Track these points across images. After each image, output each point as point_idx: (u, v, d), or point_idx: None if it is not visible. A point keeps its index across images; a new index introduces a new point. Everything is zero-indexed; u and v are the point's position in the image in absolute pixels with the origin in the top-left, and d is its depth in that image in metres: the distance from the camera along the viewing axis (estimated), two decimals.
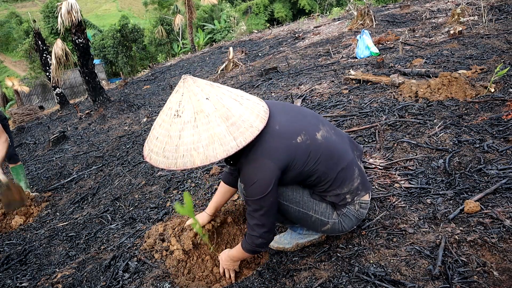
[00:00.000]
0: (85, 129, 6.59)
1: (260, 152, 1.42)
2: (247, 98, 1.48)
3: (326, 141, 1.55)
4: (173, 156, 1.36)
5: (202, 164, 1.33)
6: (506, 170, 2.01)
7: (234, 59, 7.75)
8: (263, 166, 1.42)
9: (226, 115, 1.37)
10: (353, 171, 1.61)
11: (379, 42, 6.16)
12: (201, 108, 1.36)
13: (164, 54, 24.05)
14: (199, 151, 1.34)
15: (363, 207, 1.67)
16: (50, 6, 27.67)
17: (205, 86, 1.41)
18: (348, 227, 1.69)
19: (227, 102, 1.40)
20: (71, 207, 3.37)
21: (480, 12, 6.37)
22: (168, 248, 2.05)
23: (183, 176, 3.14)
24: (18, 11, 40.80)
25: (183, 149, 1.35)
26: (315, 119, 1.61)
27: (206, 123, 1.35)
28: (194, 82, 1.41)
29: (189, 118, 1.36)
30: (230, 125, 1.36)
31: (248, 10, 34.48)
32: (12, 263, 2.56)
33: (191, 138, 1.35)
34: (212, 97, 1.39)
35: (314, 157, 1.50)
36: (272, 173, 1.43)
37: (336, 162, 1.56)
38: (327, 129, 1.61)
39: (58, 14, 7.19)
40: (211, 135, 1.34)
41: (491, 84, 3.12)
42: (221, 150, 1.33)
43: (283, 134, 1.46)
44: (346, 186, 1.60)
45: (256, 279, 1.71)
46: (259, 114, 1.43)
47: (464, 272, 1.43)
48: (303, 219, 1.67)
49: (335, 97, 3.96)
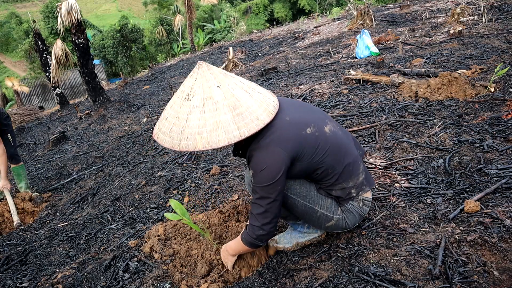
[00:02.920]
0: (85, 129, 6.59)
1: (271, 140, 1.45)
2: (258, 91, 1.51)
3: (334, 135, 1.60)
4: (178, 138, 1.41)
5: (203, 148, 1.37)
6: (506, 170, 2.01)
7: (234, 59, 7.74)
8: (274, 153, 1.44)
9: (234, 105, 1.40)
10: (358, 166, 1.65)
11: (379, 42, 6.16)
12: (211, 94, 1.40)
13: (164, 54, 24.04)
14: (202, 136, 1.37)
15: (366, 204, 1.70)
16: (50, 7, 27.68)
17: (219, 74, 1.45)
18: (351, 224, 1.71)
19: (238, 92, 1.43)
20: (71, 207, 3.37)
21: (480, 12, 6.37)
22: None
23: (183, 176, 3.14)
24: (18, 12, 40.81)
25: (188, 131, 1.39)
26: (323, 115, 1.67)
27: (213, 110, 1.38)
28: (209, 69, 1.45)
29: (198, 103, 1.40)
30: (237, 115, 1.39)
31: (248, 10, 34.48)
32: (12, 264, 2.56)
33: (197, 122, 1.38)
34: (224, 85, 1.42)
35: (323, 149, 1.54)
36: (282, 161, 1.45)
37: (343, 156, 1.59)
38: (333, 124, 1.66)
39: (58, 14, 7.19)
40: (217, 122, 1.37)
41: (491, 84, 3.12)
42: (224, 138, 1.36)
43: (294, 125, 1.50)
44: (352, 180, 1.63)
45: (256, 279, 1.71)
46: (267, 108, 1.46)
47: (464, 272, 1.43)
48: (309, 213, 1.68)
49: (335, 97, 3.96)
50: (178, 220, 2.33)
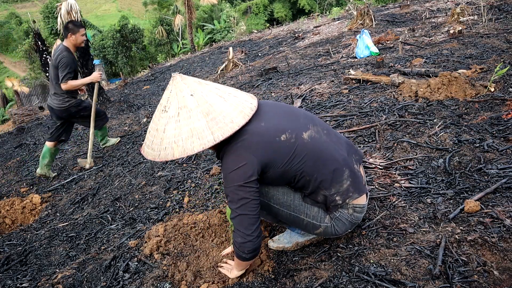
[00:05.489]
0: (85, 129, 6.58)
1: (241, 144, 1.46)
2: (234, 95, 1.53)
3: (314, 141, 1.55)
4: (158, 149, 1.45)
5: (180, 156, 1.41)
6: (506, 170, 2.01)
7: (234, 59, 7.74)
8: (244, 156, 1.45)
9: (207, 111, 1.43)
10: (342, 172, 1.58)
11: (378, 41, 6.16)
12: (185, 103, 1.44)
13: (164, 54, 24.04)
14: (178, 144, 1.41)
15: (357, 211, 1.65)
16: (49, 7, 27.67)
17: (192, 83, 1.49)
18: (342, 231, 1.68)
19: (211, 98, 1.46)
20: (71, 208, 3.37)
21: (480, 12, 6.37)
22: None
23: (183, 176, 3.14)
24: (18, 12, 40.83)
25: (166, 141, 1.44)
26: (306, 119, 1.62)
27: (187, 118, 1.43)
28: (182, 79, 1.49)
29: (174, 113, 1.44)
30: (210, 120, 1.42)
31: (247, 10, 34.48)
32: (13, 264, 2.56)
33: (173, 131, 1.43)
34: (197, 93, 1.45)
35: (299, 156, 1.51)
36: (252, 164, 1.45)
37: (323, 163, 1.55)
38: (317, 129, 1.61)
39: (58, 14, 7.18)
40: (191, 129, 1.41)
41: (491, 84, 3.12)
42: (198, 144, 1.40)
43: (267, 131, 1.49)
44: (334, 187, 1.58)
45: (256, 279, 1.71)
46: (243, 111, 1.47)
47: (464, 272, 1.43)
48: (296, 222, 1.67)
49: (335, 97, 3.96)
50: (178, 220, 2.34)
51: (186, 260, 1.95)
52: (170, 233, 2.21)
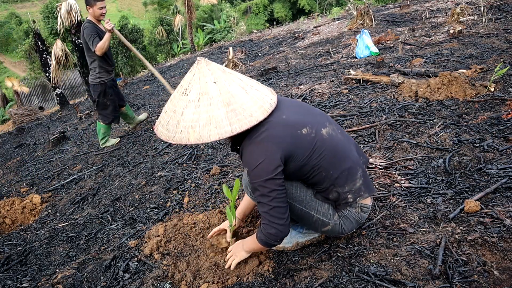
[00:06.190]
0: (85, 129, 6.58)
1: (265, 136, 1.45)
2: (256, 89, 1.51)
3: (331, 138, 1.57)
4: (173, 131, 1.44)
5: (195, 142, 1.40)
6: (506, 170, 2.01)
7: (234, 59, 7.73)
8: (268, 148, 1.44)
9: (228, 101, 1.41)
10: (356, 171, 1.62)
11: (378, 41, 6.16)
12: (207, 90, 1.42)
13: (164, 54, 24.05)
14: (195, 130, 1.40)
15: (364, 211, 1.69)
16: (49, 7, 27.71)
17: (216, 70, 1.47)
18: (348, 230, 1.70)
19: (233, 89, 1.44)
20: (71, 208, 3.37)
21: (480, 12, 6.37)
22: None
23: (183, 176, 3.14)
24: (18, 12, 40.83)
25: (183, 125, 1.42)
26: (323, 117, 1.65)
27: (207, 105, 1.41)
28: (207, 65, 1.47)
29: (194, 97, 1.43)
30: (230, 111, 1.40)
31: (247, 10, 34.48)
32: (13, 264, 2.56)
33: (192, 116, 1.41)
34: (220, 81, 1.44)
35: (318, 151, 1.52)
36: (277, 156, 1.44)
37: (339, 160, 1.57)
38: (333, 127, 1.63)
39: (58, 14, 7.17)
40: (210, 116, 1.40)
41: (491, 84, 3.12)
42: (215, 133, 1.39)
43: (289, 124, 1.50)
44: (348, 185, 1.60)
45: (256, 279, 1.71)
46: (262, 106, 1.46)
47: (464, 272, 1.43)
48: (305, 218, 1.67)
49: (335, 96, 3.96)
50: (178, 220, 2.34)
51: (186, 260, 1.95)
52: (170, 233, 2.21)
